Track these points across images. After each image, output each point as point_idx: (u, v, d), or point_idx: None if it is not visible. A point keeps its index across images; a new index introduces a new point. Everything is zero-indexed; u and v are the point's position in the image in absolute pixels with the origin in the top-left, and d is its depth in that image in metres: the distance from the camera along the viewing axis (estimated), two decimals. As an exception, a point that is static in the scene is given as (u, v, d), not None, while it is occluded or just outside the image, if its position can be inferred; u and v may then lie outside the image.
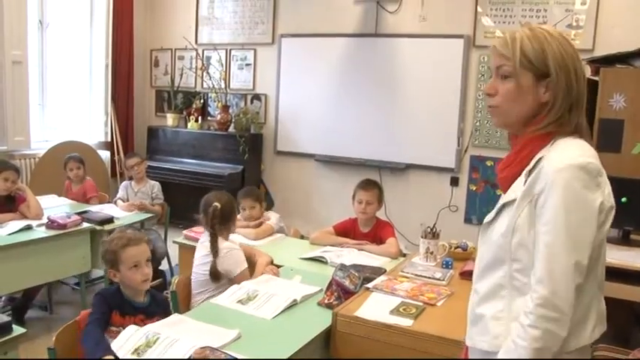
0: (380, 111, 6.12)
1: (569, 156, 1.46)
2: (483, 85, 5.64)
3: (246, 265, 2.98)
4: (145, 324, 2.39)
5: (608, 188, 1.50)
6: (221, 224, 3.03)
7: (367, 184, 3.80)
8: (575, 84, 1.52)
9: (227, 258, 2.95)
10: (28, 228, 3.86)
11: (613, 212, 1.51)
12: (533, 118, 1.56)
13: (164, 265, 4.95)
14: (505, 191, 1.61)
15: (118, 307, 2.37)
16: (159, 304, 2.57)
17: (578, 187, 1.43)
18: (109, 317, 2.32)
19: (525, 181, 1.52)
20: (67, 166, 5.02)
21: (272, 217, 3.96)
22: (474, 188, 5.80)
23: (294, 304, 2.55)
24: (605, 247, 1.56)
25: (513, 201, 1.53)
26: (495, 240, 1.56)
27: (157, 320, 2.47)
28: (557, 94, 1.52)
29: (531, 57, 1.54)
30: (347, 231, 3.78)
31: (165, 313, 2.55)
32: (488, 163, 5.71)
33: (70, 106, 6.84)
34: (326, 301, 2.58)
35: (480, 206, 5.77)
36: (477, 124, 5.72)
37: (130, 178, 5.22)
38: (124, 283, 2.43)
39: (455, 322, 2.22)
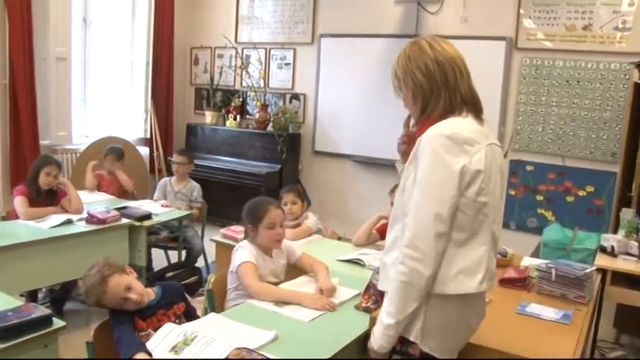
0: (419, 113, 6.06)
1: (439, 128, 1.80)
2: (525, 88, 5.56)
3: (243, 260, 2.80)
4: (167, 316, 2.41)
5: (479, 156, 1.78)
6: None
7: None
8: (424, 78, 1.86)
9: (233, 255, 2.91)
10: (69, 222, 3.92)
11: (481, 175, 1.77)
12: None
13: (200, 263, 4.98)
14: None
15: (135, 314, 2.34)
16: (172, 292, 2.53)
17: (441, 151, 1.75)
18: (133, 324, 2.31)
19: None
20: (107, 157, 5.11)
21: (310, 218, 3.93)
22: (513, 193, 5.71)
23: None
24: (495, 210, 1.86)
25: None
26: (397, 199, 1.91)
27: (179, 308, 2.48)
28: (411, 92, 1.91)
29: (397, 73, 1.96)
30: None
31: (183, 299, 2.54)
32: (529, 168, 5.61)
33: (110, 102, 6.96)
34: (363, 305, 2.55)
35: (519, 211, 5.68)
36: (518, 127, 5.63)
37: (171, 174, 5.23)
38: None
39: (493, 329, 2.18)
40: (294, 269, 3.03)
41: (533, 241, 4.80)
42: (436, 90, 1.87)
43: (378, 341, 1.86)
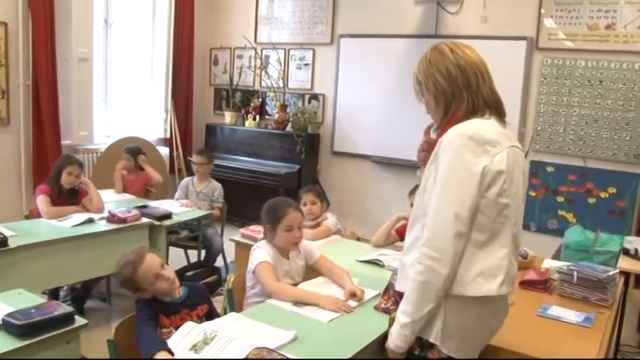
0: (438, 113, 6.03)
1: (461, 128, 1.79)
2: (546, 88, 5.50)
3: (260, 260, 2.80)
4: (190, 316, 2.44)
5: (501, 157, 1.78)
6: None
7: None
8: (445, 82, 1.88)
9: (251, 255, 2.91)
10: (90, 221, 3.96)
11: (503, 176, 1.77)
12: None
13: (219, 262, 4.99)
14: None
15: (161, 310, 2.38)
16: (198, 293, 2.58)
17: (463, 151, 1.75)
18: (156, 320, 2.35)
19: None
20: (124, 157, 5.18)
21: (329, 218, 3.93)
22: (534, 194, 5.65)
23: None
24: (517, 214, 1.85)
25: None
26: (417, 199, 1.91)
27: (202, 309, 2.52)
28: (433, 96, 1.93)
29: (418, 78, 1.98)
30: None
31: (207, 301, 2.58)
32: (549, 169, 5.55)
33: (131, 102, 7.02)
34: (382, 306, 2.54)
35: (539, 213, 5.62)
36: (539, 128, 5.58)
37: (192, 174, 5.26)
38: (155, 294, 2.43)
39: (513, 331, 2.17)
40: (312, 269, 3.02)
41: (554, 243, 4.76)
42: (458, 94, 1.87)
43: (395, 340, 1.86)
